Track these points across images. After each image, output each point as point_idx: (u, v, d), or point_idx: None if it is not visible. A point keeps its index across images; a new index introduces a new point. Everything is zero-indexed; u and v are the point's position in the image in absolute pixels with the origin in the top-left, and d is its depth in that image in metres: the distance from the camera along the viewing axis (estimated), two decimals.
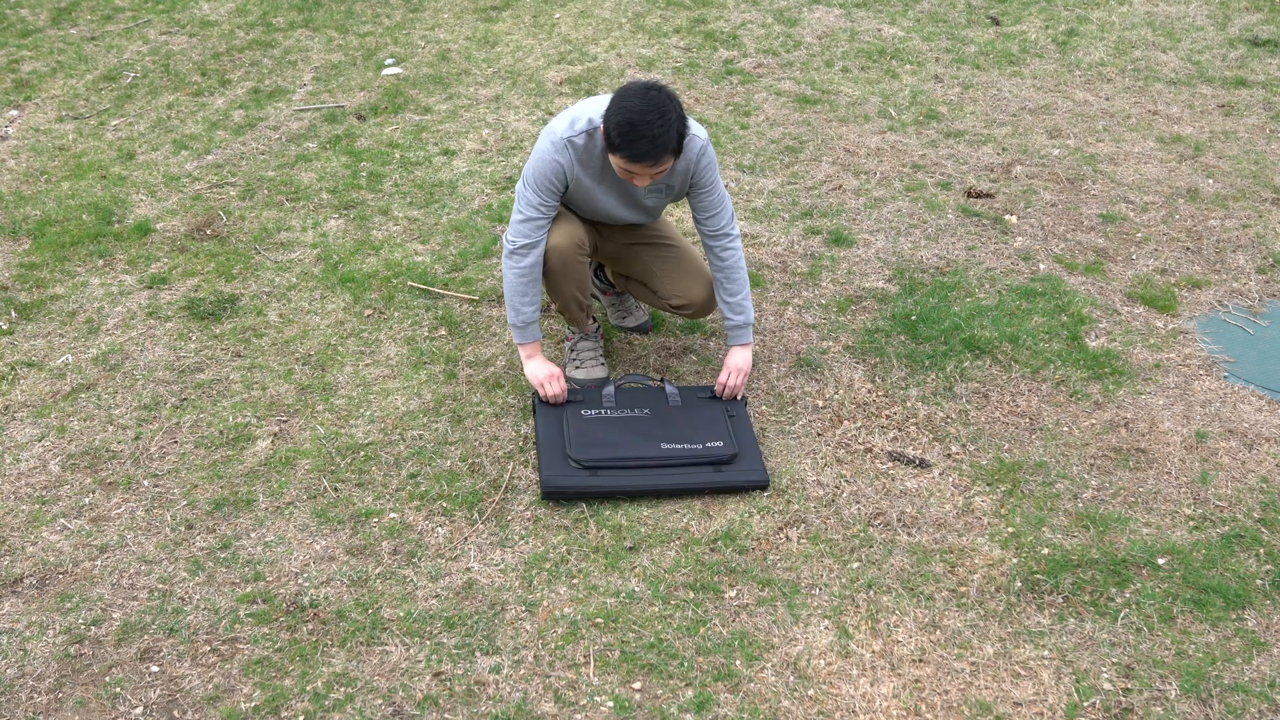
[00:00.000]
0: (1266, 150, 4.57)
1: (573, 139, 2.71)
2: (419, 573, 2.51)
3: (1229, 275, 3.71)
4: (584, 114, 2.73)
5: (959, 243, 3.87)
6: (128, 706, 2.19)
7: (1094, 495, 2.76)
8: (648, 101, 2.54)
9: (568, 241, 2.85)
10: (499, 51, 5.53)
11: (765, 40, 5.68)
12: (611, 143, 2.59)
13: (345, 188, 4.21)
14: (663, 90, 2.58)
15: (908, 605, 2.44)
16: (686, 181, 2.83)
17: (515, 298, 2.84)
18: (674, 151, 2.60)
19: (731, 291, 2.94)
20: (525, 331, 2.89)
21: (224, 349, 3.27)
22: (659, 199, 2.89)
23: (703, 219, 2.91)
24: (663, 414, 2.89)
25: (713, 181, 2.84)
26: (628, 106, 2.55)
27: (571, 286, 2.95)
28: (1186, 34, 5.80)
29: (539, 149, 2.74)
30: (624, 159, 2.59)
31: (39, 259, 3.71)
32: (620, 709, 2.19)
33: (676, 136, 2.58)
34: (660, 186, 2.82)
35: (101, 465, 2.82)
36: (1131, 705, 2.21)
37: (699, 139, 2.75)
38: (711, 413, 2.90)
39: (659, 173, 2.64)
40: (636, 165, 2.59)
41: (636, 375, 2.98)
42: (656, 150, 2.56)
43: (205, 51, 5.53)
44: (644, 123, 2.52)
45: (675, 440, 2.79)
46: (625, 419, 2.87)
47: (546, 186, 2.75)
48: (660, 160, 2.59)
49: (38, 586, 2.46)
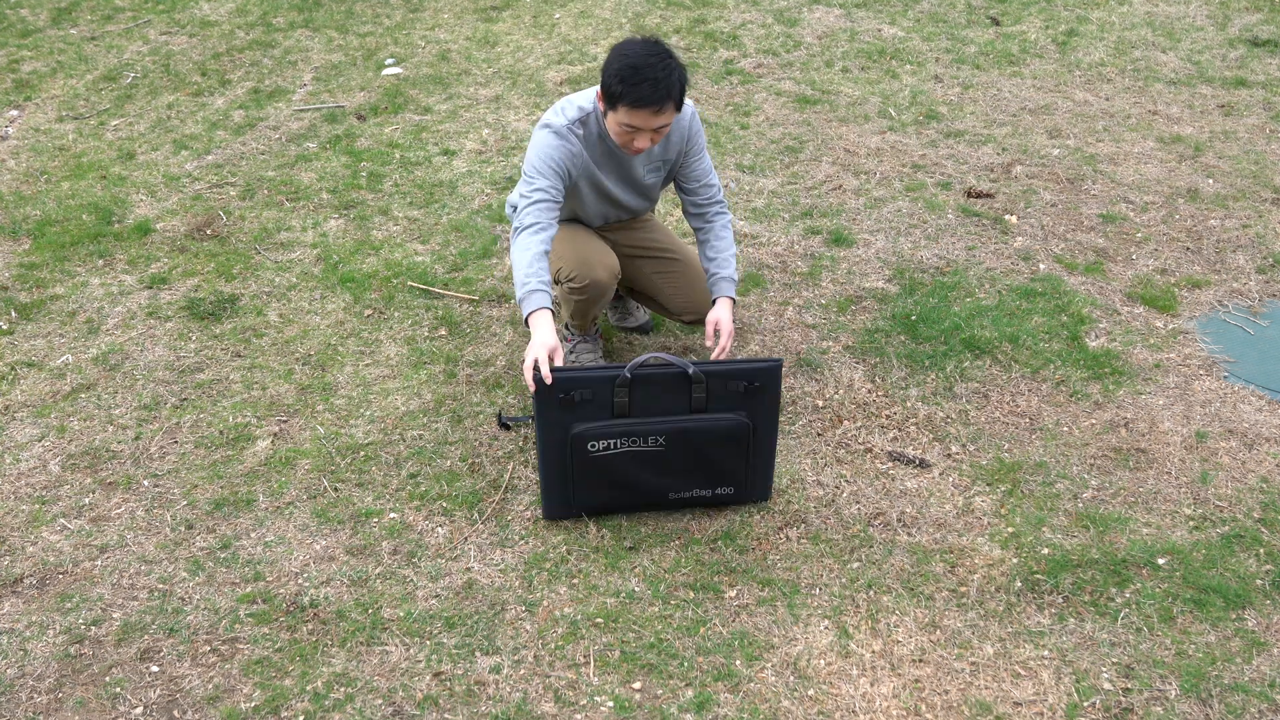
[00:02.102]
0: (1266, 150, 4.57)
1: (573, 128, 2.69)
2: (419, 573, 2.51)
3: (1229, 275, 3.70)
4: (572, 103, 2.72)
5: (959, 243, 3.87)
6: (128, 706, 2.19)
7: (1094, 495, 2.76)
8: (648, 49, 2.52)
9: (608, 275, 2.85)
10: (499, 51, 5.53)
11: (765, 40, 5.68)
12: (611, 94, 2.54)
13: (345, 188, 4.21)
14: (662, 44, 2.56)
15: (908, 605, 2.44)
16: (681, 150, 2.82)
17: (528, 267, 2.54)
18: (676, 103, 2.56)
19: (717, 249, 2.87)
20: (540, 296, 2.52)
21: (224, 349, 3.27)
22: (656, 175, 2.87)
23: (693, 188, 2.88)
24: (679, 444, 2.54)
25: (703, 147, 2.86)
26: (628, 53, 2.52)
27: (598, 310, 2.99)
28: (1186, 34, 5.80)
29: (539, 140, 2.70)
30: (627, 106, 2.53)
31: (39, 259, 3.71)
32: (620, 709, 2.19)
33: (679, 85, 2.54)
34: (657, 162, 2.82)
35: (101, 465, 2.82)
36: (1131, 705, 2.21)
37: (688, 107, 2.75)
38: (735, 430, 2.55)
39: (660, 128, 2.58)
40: (640, 113, 2.53)
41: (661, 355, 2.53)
42: (659, 94, 2.50)
43: (205, 51, 5.53)
44: (646, 65, 2.49)
45: (684, 489, 2.61)
46: (635, 455, 2.54)
47: (555, 170, 2.67)
48: (663, 107, 2.53)
49: (38, 586, 2.46)
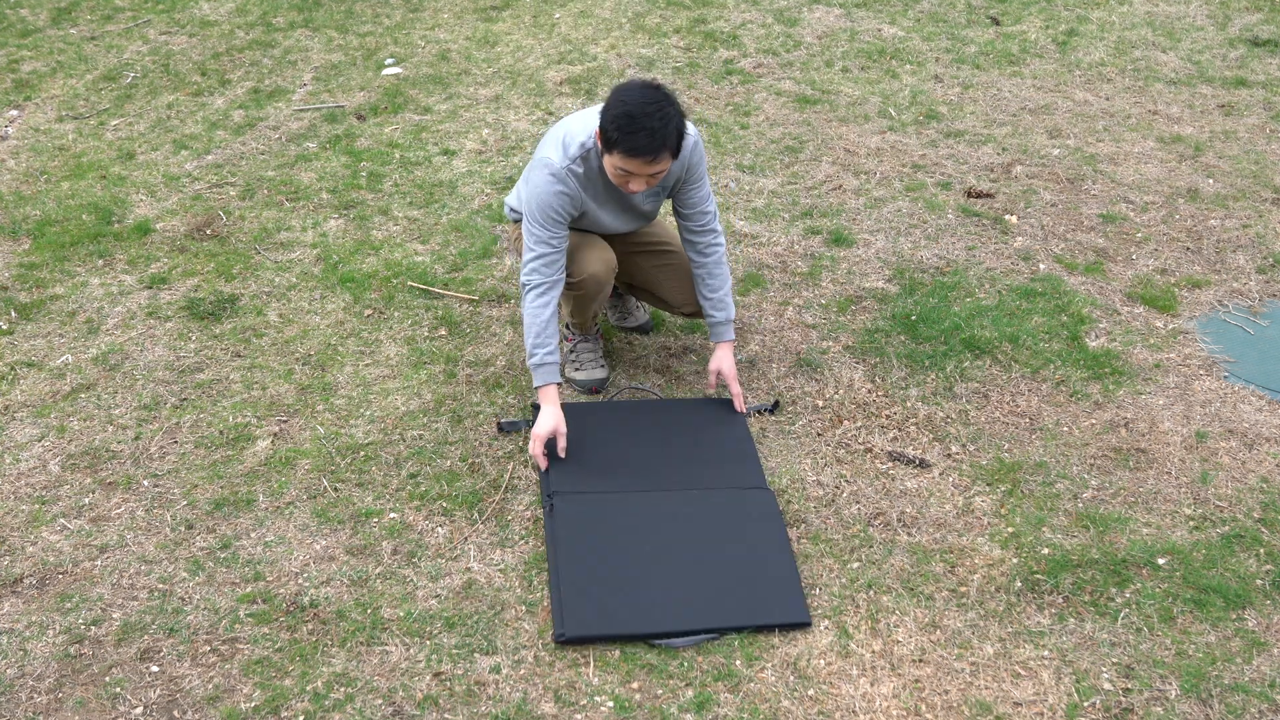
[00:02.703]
0: (1266, 150, 4.57)
1: (572, 167, 2.67)
2: (419, 573, 2.51)
3: (1229, 275, 3.70)
4: (574, 137, 2.69)
5: (959, 243, 3.87)
6: (128, 706, 2.19)
7: (1094, 495, 2.76)
8: (646, 97, 2.52)
9: (605, 269, 2.85)
10: (499, 51, 5.53)
11: (765, 40, 5.68)
12: (608, 139, 2.54)
13: (345, 188, 4.21)
14: (662, 90, 2.56)
15: (908, 605, 2.44)
16: (680, 179, 2.82)
17: (536, 337, 2.71)
18: (672, 152, 2.57)
19: (713, 288, 2.92)
20: (548, 371, 2.72)
21: (224, 349, 3.27)
22: (655, 201, 2.88)
23: (688, 214, 2.88)
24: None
25: (702, 175, 2.84)
26: (627, 100, 2.52)
27: (598, 306, 2.98)
28: (1186, 34, 5.80)
29: (538, 184, 2.67)
30: (621, 154, 2.54)
31: (39, 259, 3.71)
32: (620, 709, 2.19)
33: (675, 136, 2.55)
34: (657, 189, 2.81)
35: (101, 465, 2.82)
36: (1131, 705, 2.21)
37: (690, 135, 2.74)
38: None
39: (655, 174, 2.59)
40: (634, 161, 2.54)
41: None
42: (655, 145, 2.51)
43: (205, 51, 5.53)
44: (643, 114, 2.49)
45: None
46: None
47: (554, 219, 2.68)
48: (658, 157, 2.54)
49: (38, 586, 2.46)
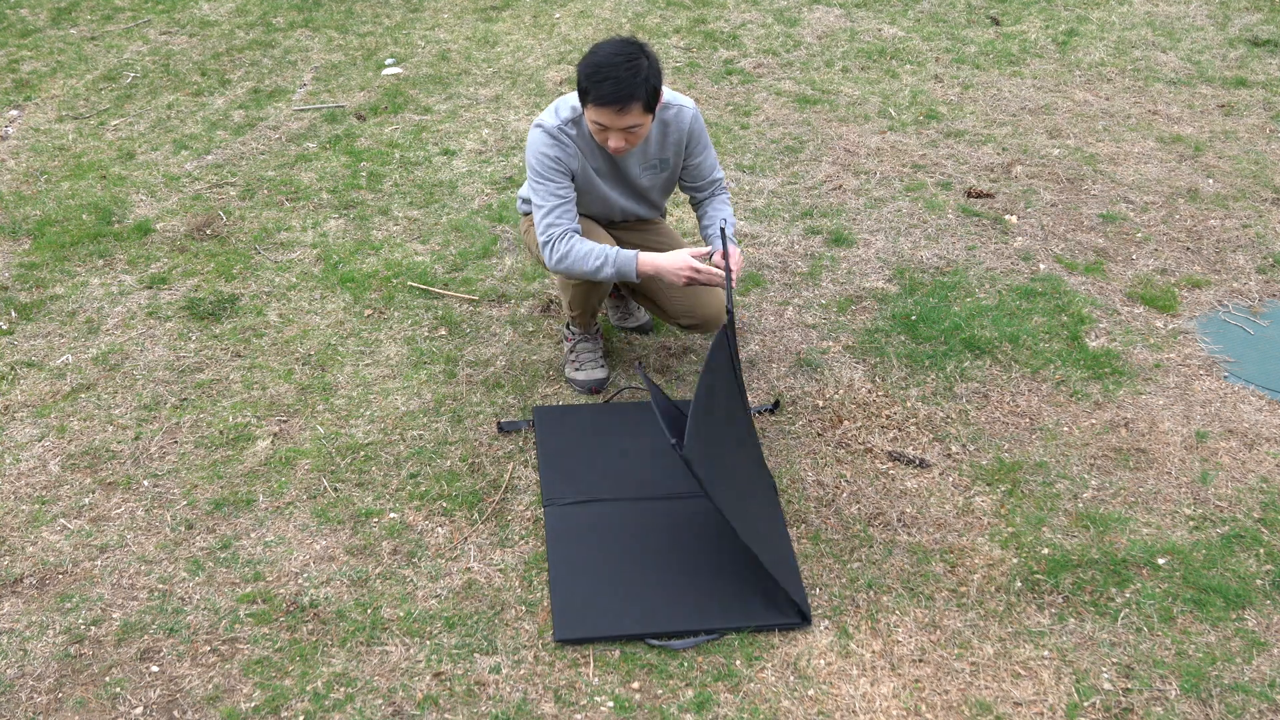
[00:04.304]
0: (1266, 150, 4.57)
1: (564, 128, 2.71)
2: (419, 573, 2.51)
3: (1229, 275, 3.70)
4: (565, 103, 2.74)
5: (959, 243, 3.87)
6: (128, 706, 2.19)
7: (1094, 495, 2.76)
8: (618, 49, 2.54)
9: None
10: (499, 51, 5.53)
11: (765, 40, 5.68)
12: (582, 90, 2.58)
13: (345, 188, 4.21)
14: (637, 43, 2.57)
15: (908, 605, 2.44)
16: (681, 152, 2.83)
17: (598, 254, 2.68)
18: (643, 104, 2.57)
19: (717, 208, 2.92)
20: (624, 256, 2.68)
21: (224, 349, 3.27)
22: (653, 175, 2.88)
23: (700, 185, 2.93)
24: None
25: (707, 145, 2.88)
26: (598, 51, 2.56)
27: (597, 299, 2.98)
28: (1186, 34, 5.80)
29: (533, 140, 2.73)
30: (592, 104, 2.56)
31: (39, 259, 3.71)
32: (620, 709, 2.19)
33: (645, 89, 2.54)
34: (653, 160, 2.83)
35: (101, 465, 2.82)
36: (1131, 705, 2.21)
37: (688, 109, 2.76)
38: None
39: (629, 128, 2.59)
40: (604, 111, 2.55)
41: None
42: (621, 94, 2.52)
43: (205, 51, 5.53)
44: (610, 64, 2.51)
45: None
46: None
47: (554, 168, 2.71)
48: (626, 107, 2.54)
49: (38, 586, 2.46)
